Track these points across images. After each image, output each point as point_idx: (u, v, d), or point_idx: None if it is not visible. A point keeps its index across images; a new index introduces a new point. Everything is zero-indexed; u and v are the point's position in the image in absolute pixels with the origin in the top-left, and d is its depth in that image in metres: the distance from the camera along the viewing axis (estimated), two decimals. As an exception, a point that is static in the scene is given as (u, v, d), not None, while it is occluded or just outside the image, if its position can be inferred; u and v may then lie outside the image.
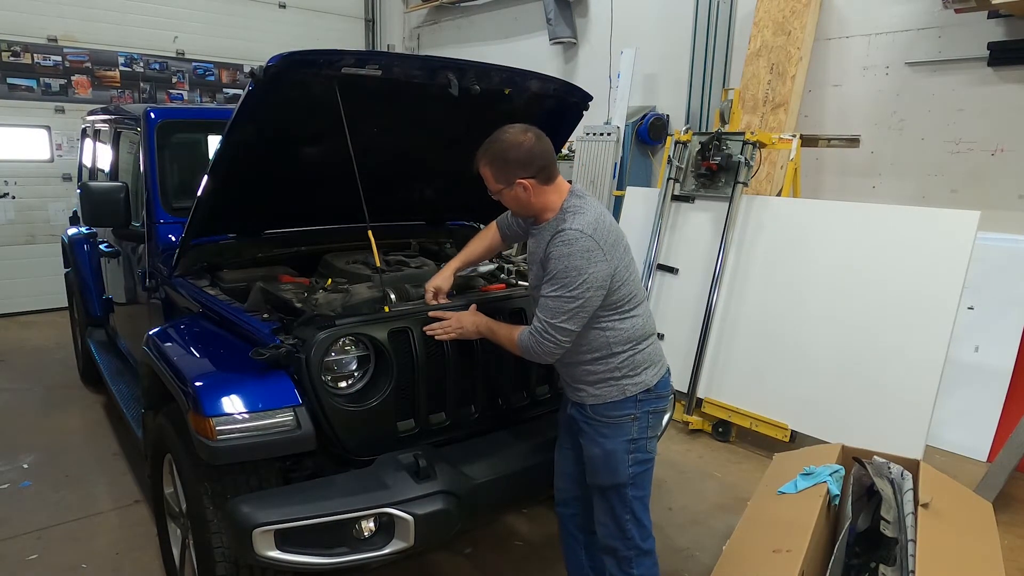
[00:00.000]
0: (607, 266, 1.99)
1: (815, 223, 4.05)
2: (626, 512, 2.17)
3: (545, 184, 2.07)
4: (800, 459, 2.90)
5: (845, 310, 3.81)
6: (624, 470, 2.13)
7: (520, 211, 2.17)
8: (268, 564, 1.97)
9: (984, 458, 3.91)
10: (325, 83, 2.32)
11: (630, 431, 2.13)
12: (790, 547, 2.22)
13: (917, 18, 4.57)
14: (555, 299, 1.98)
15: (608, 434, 2.13)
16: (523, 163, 2.03)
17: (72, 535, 3.13)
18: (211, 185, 2.48)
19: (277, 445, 2.06)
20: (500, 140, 2.05)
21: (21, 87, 6.62)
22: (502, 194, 2.10)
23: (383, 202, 2.69)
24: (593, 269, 1.95)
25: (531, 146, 2.03)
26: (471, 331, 2.26)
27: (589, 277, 1.95)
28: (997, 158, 4.33)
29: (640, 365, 2.12)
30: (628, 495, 2.15)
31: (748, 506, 2.67)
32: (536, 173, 2.04)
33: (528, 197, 2.07)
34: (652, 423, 2.17)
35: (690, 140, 4.58)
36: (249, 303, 2.62)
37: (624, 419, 2.12)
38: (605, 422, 2.13)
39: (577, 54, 6.93)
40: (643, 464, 2.17)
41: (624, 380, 2.10)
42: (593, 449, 2.16)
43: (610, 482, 2.16)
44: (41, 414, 4.49)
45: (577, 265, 1.94)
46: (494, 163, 2.05)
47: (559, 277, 1.96)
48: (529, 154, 2.03)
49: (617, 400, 2.11)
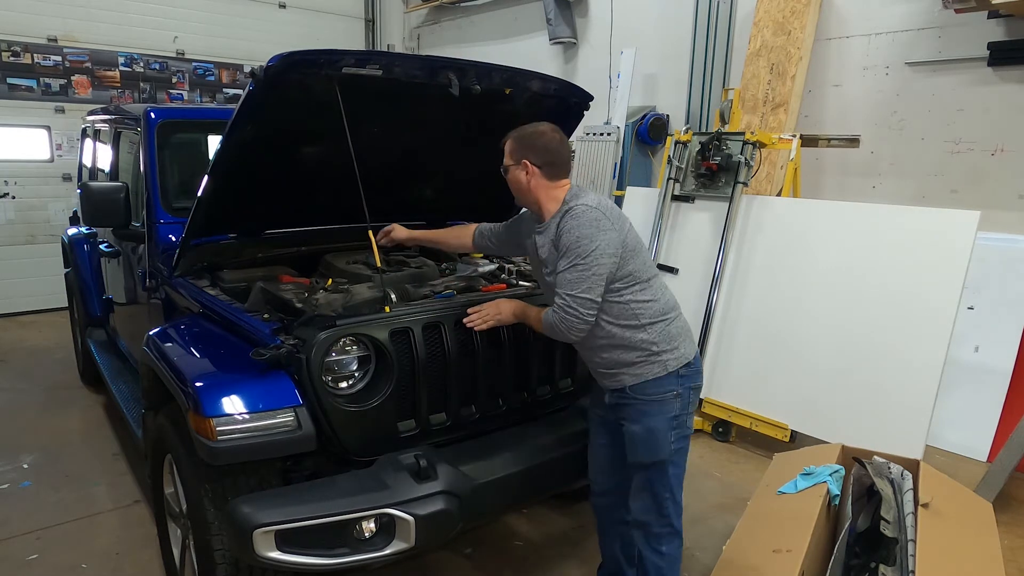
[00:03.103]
0: (616, 235, 2.09)
1: (815, 223, 4.05)
2: (665, 490, 2.22)
3: (547, 179, 2.22)
4: (800, 459, 2.90)
5: (845, 310, 3.81)
6: (667, 447, 2.17)
7: (518, 194, 2.30)
8: (268, 565, 1.97)
9: (984, 458, 3.91)
10: (325, 83, 2.32)
11: (673, 408, 2.17)
12: (790, 547, 2.22)
13: (917, 18, 4.57)
14: (571, 270, 2.06)
15: (651, 412, 2.17)
16: (538, 150, 2.21)
17: (72, 535, 3.13)
18: (211, 185, 2.48)
19: (277, 445, 2.06)
20: (532, 126, 2.27)
21: (21, 87, 6.62)
22: (509, 171, 2.27)
23: (383, 202, 2.70)
24: (604, 237, 2.06)
25: (550, 140, 2.23)
26: (508, 317, 2.34)
27: (601, 244, 2.05)
28: (997, 158, 4.33)
29: (676, 337, 2.18)
30: (668, 472, 2.20)
31: (748, 506, 2.67)
32: (543, 164, 2.20)
33: (527, 182, 2.22)
34: (693, 399, 2.23)
35: (690, 140, 4.58)
36: (249, 303, 2.61)
37: (668, 396, 2.16)
38: (648, 400, 2.17)
39: (577, 54, 6.93)
40: (684, 440, 2.22)
41: (664, 355, 2.15)
42: (635, 427, 2.20)
43: (652, 459, 2.19)
44: (41, 414, 4.49)
45: (588, 234, 2.05)
46: (517, 139, 2.26)
47: (572, 248, 2.06)
48: (546, 146, 2.22)
49: (660, 376, 2.15)
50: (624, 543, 2.55)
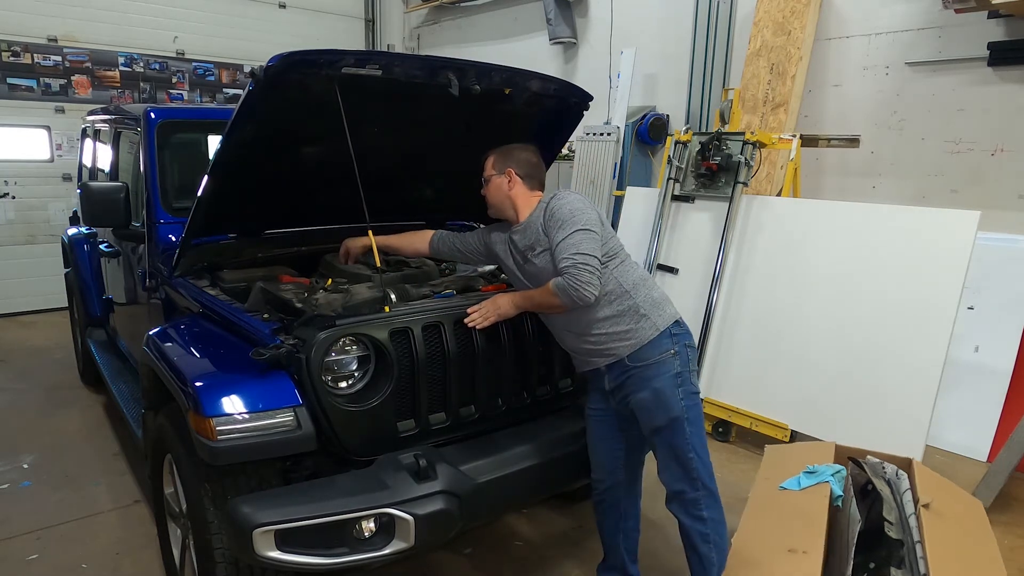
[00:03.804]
0: (595, 214, 2.27)
1: (815, 223, 4.05)
2: (688, 449, 2.25)
3: (527, 187, 2.43)
4: (793, 453, 2.89)
5: (845, 310, 3.81)
6: (677, 403, 2.23)
7: (496, 202, 2.47)
8: (268, 564, 1.97)
9: (984, 458, 3.91)
10: (325, 83, 2.32)
11: (673, 366, 2.24)
12: (806, 548, 2.21)
13: (917, 18, 4.57)
14: (571, 235, 2.18)
15: (653, 374, 2.24)
16: (521, 162, 2.44)
17: (72, 535, 3.13)
18: (211, 185, 2.48)
19: (277, 445, 2.06)
20: (513, 144, 2.49)
21: (21, 87, 6.62)
22: (490, 181, 2.46)
23: (383, 202, 2.69)
24: (591, 212, 2.26)
25: (531, 156, 2.48)
26: (508, 308, 2.37)
27: (592, 216, 2.24)
28: (997, 158, 4.33)
29: (659, 302, 2.30)
30: (687, 430, 2.24)
31: (749, 497, 2.66)
32: (525, 175, 2.43)
33: (508, 188, 2.42)
34: (691, 356, 2.31)
35: (690, 140, 4.58)
36: (249, 303, 2.61)
37: (665, 355, 2.24)
38: (648, 364, 2.24)
39: (577, 54, 6.93)
40: (692, 397, 2.28)
41: (652, 316, 2.25)
42: (641, 393, 2.25)
43: (666, 418, 2.23)
44: (41, 414, 4.49)
45: (577, 207, 2.24)
46: (500, 153, 2.47)
47: (567, 219, 2.21)
48: (528, 159, 2.46)
49: (654, 338, 2.23)
50: (626, 537, 2.59)
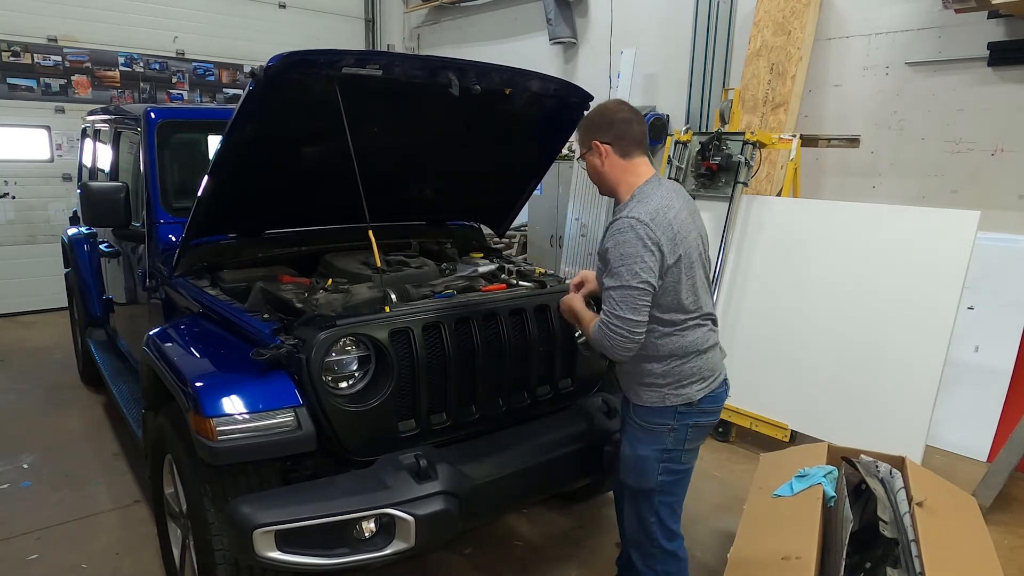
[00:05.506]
0: (651, 257, 1.94)
1: (815, 223, 4.05)
2: (651, 515, 2.19)
3: (621, 157, 2.08)
4: (788, 459, 2.89)
5: (845, 310, 3.81)
6: (653, 477, 2.14)
7: (596, 181, 2.17)
8: (268, 565, 1.97)
9: (984, 458, 3.91)
10: (325, 83, 2.32)
11: (664, 441, 2.11)
12: (799, 554, 2.21)
13: (917, 18, 4.57)
14: (613, 289, 1.96)
15: (643, 439, 2.14)
16: (602, 127, 2.08)
17: (72, 535, 3.13)
18: (211, 185, 2.48)
19: (278, 446, 2.06)
20: (593, 108, 2.17)
21: (21, 87, 6.62)
22: (586, 160, 2.15)
23: (383, 202, 2.69)
24: (643, 255, 1.93)
25: (614, 113, 2.09)
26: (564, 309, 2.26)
27: (642, 261, 1.93)
28: (997, 158, 4.33)
29: (687, 377, 2.08)
30: (655, 500, 2.17)
31: (744, 509, 2.66)
32: (613, 140, 2.06)
33: (602, 164, 2.10)
34: (691, 436, 2.13)
35: (690, 140, 4.57)
36: (249, 303, 2.61)
37: (660, 428, 2.11)
38: (642, 425, 2.14)
39: (577, 54, 6.93)
40: (674, 474, 2.17)
41: (666, 388, 2.08)
42: (626, 449, 2.20)
43: (638, 486, 2.18)
44: (41, 414, 4.48)
45: (629, 252, 1.93)
46: (583, 124, 2.17)
47: (614, 267, 1.96)
48: (610, 120, 2.08)
49: (656, 407, 2.10)
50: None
